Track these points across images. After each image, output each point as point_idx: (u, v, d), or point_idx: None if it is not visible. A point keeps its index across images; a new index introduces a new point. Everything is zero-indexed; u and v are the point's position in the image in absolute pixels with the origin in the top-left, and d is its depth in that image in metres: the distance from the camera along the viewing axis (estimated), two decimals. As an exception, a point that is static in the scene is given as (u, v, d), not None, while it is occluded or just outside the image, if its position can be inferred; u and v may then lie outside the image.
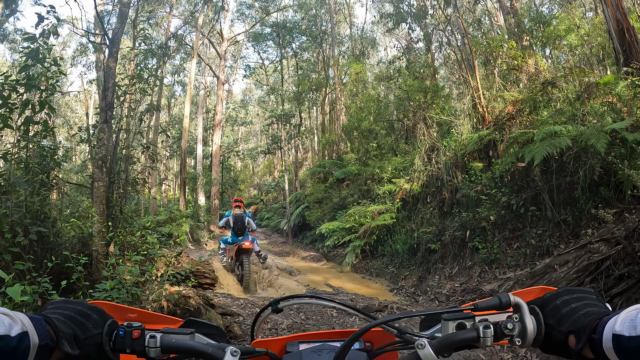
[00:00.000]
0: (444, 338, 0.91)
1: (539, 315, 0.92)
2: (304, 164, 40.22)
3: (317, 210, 19.17)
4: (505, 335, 0.91)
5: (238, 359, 0.91)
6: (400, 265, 12.20)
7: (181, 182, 26.09)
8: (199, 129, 34.92)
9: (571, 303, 0.90)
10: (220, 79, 32.05)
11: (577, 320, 0.86)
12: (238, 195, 43.75)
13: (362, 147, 20.27)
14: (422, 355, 0.87)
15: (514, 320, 0.92)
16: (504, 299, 0.92)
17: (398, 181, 13.88)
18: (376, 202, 14.59)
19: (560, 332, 0.88)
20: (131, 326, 0.93)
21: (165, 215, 21.32)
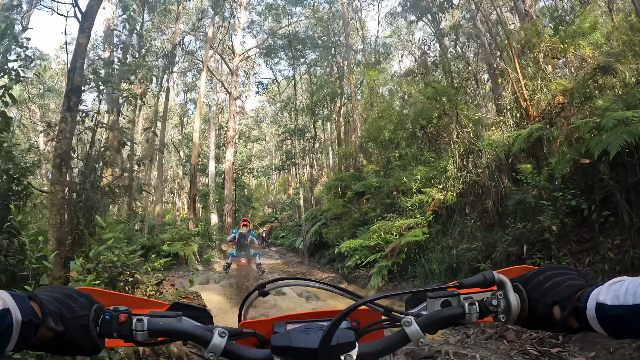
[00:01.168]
0: (430, 315, 0.92)
1: (523, 292, 0.92)
2: (319, 180, 38.37)
3: (336, 227, 17.06)
4: (490, 312, 0.91)
5: (226, 340, 0.89)
6: (420, 284, 10.08)
7: (191, 199, 24.21)
8: (211, 146, 33.42)
9: (554, 277, 0.90)
10: (232, 94, 30.75)
11: (561, 292, 0.86)
12: (252, 213, 43.72)
13: (383, 158, 18.21)
14: (409, 332, 0.88)
15: (498, 297, 0.92)
16: (488, 276, 0.92)
17: (429, 191, 11.76)
18: (403, 216, 12.46)
19: (545, 305, 0.88)
20: (118, 310, 0.90)
21: (172, 234, 19.33)
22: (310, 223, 21.45)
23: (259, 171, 44.17)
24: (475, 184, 10.73)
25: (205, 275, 16.07)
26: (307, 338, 0.92)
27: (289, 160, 38.04)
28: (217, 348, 0.89)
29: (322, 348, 0.87)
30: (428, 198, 11.58)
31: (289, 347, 0.90)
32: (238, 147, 42.02)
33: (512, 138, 10.13)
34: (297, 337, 0.93)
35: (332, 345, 0.87)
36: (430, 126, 16.99)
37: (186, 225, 22.36)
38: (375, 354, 0.93)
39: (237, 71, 32.19)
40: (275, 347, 0.92)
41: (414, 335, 0.88)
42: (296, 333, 0.95)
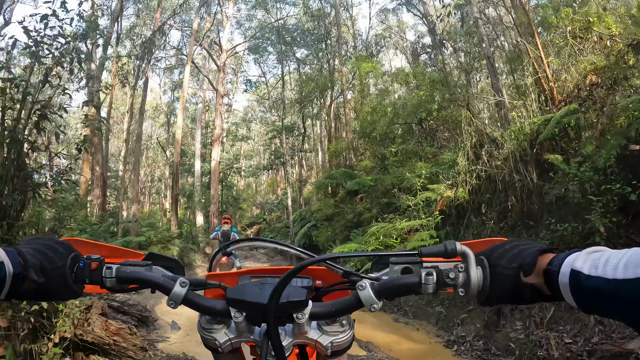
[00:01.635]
0: (386, 281, 0.87)
1: (487, 268, 0.84)
2: (308, 180, 36.76)
3: (327, 230, 15.26)
4: (447, 284, 0.85)
5: (187, 290, 0.88)
6: (451, 303, 8.30)
7: (173, 199, 22.31)
8: (197, 144, 31.75)
9: (520, 246, 0.84)
10: (219, 91, 29.10)
11: (528, 255, 0.79)
12: (240, 214, 42.85)
13: (378, 154, 16.43)
14: (361, 296, 0.84)
15: (458, 269, 0.85)
16: (450, 246, 0.84)
17: (437, 187, 9.92)
18: (405, 217, 10.70)
19: (510, 270, 0.80)
20: (90, 258, 0.93)
21: (150, 236, 17.44)
22: (299, 225, 19.60)
23: (246, 171, 42.38)
24: (493, 178, 8.99)
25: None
26: (259, 292, 0.87)
27: (278, 160, 36.63)
28: (177, 296, 0.88)
29: (270, 303, 0.83)
30: (436, 196, 9.76)
31: (241, 300, 0.87)
32: (225, 146, 40.62)
33: (538, 124, 8.40)
34: (250, 290, 0.89)
35: (282, 302, 0.84)
36: (429, 119, 15.29)
37: (167, 227, 20.50)
38: (327, 314, 0.90)
39: (225, 68, 30.58)
40: (230, 299, 0.88)
41: (367, 300, 0.83)
42: (250, 287, 0.92)
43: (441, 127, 15.55)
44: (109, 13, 23.01)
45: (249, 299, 0.86)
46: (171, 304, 0.88)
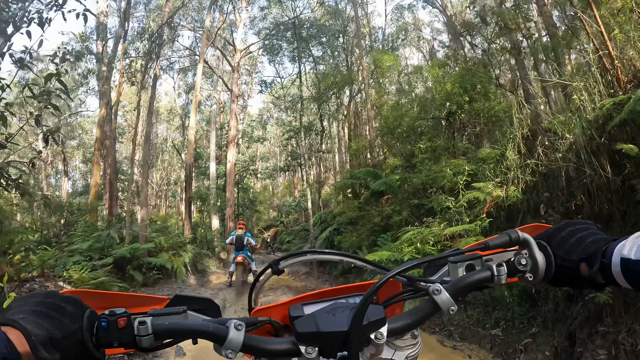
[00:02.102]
0: (458, 280, 0.86)
1: (547, 249, 0.87)
2: (326, 182, 35.42)
3: (351, 234, 13.75)
4: (518, 271, 0.87)
5: (244, 333, 0.77)
6: (509, 324, 6.80)
7: (185, 203, 21.02)
8: (211, 146, 30.96)
9: (577, 233, 0.86)
10: (233, 92, 28.08)
11: (587, 248, 0.82)
12: (257, 217, 42.39)
13: (405, 151, 14.93)
14: (439, 301, 0.81)
15: (524, 255, 0.87)
16: (513, 235, 0.87)
17: (484, 186, 8.38)
18: (443, 220, 9.23)
19: (571, 262, 0.84)
20: (114, 314, 0.75)
21: (158, 242, 16.12)
22: (320, 228, 18.10)
23: (263, 173, 41.22)
24: (552, 173, 7.49)
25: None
26: (335, 320, 0.80)
27: (295, 161, 35.40)
28: (235, 343, 0.76)
29: (353, 329, 0.77)
30: (484, 196, 8.22)
31: (317, 333, 0.78)
32: (241, 148, 39.61)
33: (607, 108, 6.88)
34: (324, 319, 0.80)
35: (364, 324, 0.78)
36: (460, 112, 13.79)
37: (180, 232, 19.21)
38: (406, 327, 0.85)
39: (239, 68, 29.63)
40: (301, 333, 0.79)
41: (445, 303, 0.81)
42: (322, 315, 0.82)
43: (473, 121, 14.10)
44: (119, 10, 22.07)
45: (326, 329, 0.78)
46: (229, 353, 0.75)
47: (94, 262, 12.05)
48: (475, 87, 13.64)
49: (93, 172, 20.41)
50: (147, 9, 24.62)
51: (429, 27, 35.59)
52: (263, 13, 31.21)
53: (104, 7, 21.98)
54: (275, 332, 0.99)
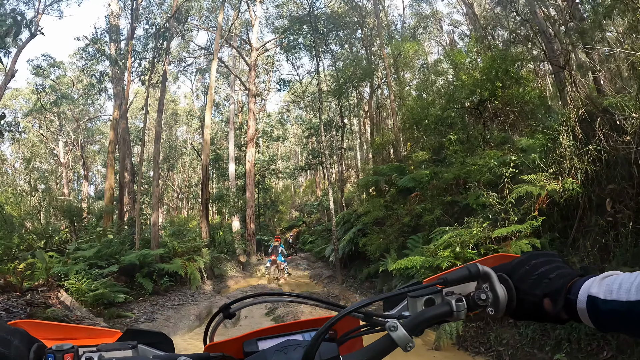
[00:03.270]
0: (416, 316, 0.82)
1: (509, 282, 0.84)
2: (347, 180, 34.25)
3: (378, 236, 12.37)
4: (478, 306, 0.84)
5: None
6: (574, 347, 5.52)
7: (202, 204, 19.97)
8: (230, 146, 30.16)
9: (541, 267, 0.83)
10: (251, 91, 27.35)
11: (551, 283, 0.80)
12: (278, 217, 41.86)
13: (434, 143, 13.61)
14: (395, 337, 0.77)
15: (485, 290, 0.84)
16: (473, 269, 0.83)
17: (535, 178, 6.99)
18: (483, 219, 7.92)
19: (534, 296, 0.81)
20: (61, 349, 0.72)
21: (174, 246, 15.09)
22: (343, 229, 16.83)
23: (284, 172, 40.21)
24: (618, 161, 6.16)
25: (207, 303, 11.76)
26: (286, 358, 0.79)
27: (316, 159, 34.35)
28: None
29: None
30: (537, 190, 6.83)
31: None
32: (261, 148, 38.78)
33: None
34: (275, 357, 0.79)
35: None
36: (493, 99, 12.45)
37: (196, 235, 18.17)
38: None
39: (256, 66, 28.68)
40: None
41: (402, 340, 0.77)
42: (273, 353, 0.81)
43: (505, 109, 12.78)
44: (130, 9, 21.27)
45: None
46: None
47: (99, 270, 11.00)
48: (508, 71, 12.31)
49: (107, 176, 19.57)
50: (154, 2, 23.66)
51: (448, 18, 34.34)
52: (278, 10, 30.41)
53: (115, 9, 21.22)
54: None
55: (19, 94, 38.23)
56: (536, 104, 12.45)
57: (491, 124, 13.09)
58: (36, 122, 36.35)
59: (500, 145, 11.32)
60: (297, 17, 23.74)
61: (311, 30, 20.03)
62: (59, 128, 36.09)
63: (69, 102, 32.44)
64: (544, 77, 19.18)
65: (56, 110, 33.44)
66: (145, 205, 25.11)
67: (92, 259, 11.65)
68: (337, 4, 27.02)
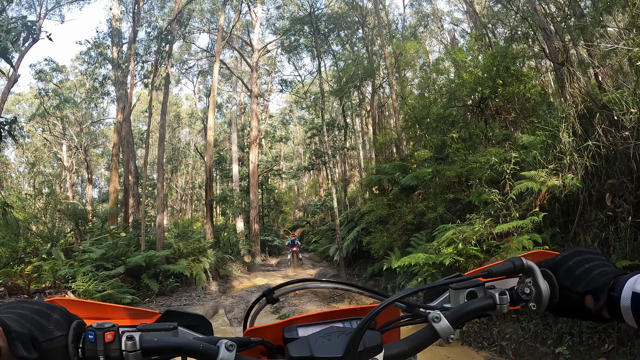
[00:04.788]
0: (459, 308, 0.83)
1: (552, 278, 0.84)
2: (350, 180, 34.29)
3: (381, 234, 12.46)
4: (521, 300, 0.85)
5: (235, 354, 0.74)
6: (576, 340, 5.60)
7: (206, 206, 20.10)
8: (233, 147, 30.36)
9: (584, 264, 0.82)
10: (253, 92, 27.35)
11: (593, 280, 0.79)
12: (282, 218, 42.28)
13: (436, 141, 13.68)
14: (438, 328, 0.79)
15: (528, 284, 0.84)
16: (517, 263, 0.84)
17: (536, 174, 7.07)
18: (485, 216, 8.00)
19: (576, 294, 0.81)
20: (102, 327, 0.70)
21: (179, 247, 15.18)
22: (346, 228, 16.92)
23: (287, 173, 40.33)
24: (616, 156, 6.23)
25: (213, 303, 11.87)
26: (330, 345, 0.77)
27: (319, 159, 34.42)
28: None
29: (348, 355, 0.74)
30: (538, 185, 6.90)
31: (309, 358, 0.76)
32: (264, 148, 38.86)
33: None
34: (318, 344, 0.78)
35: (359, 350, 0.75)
36: (494, 97, 12.51)
37: (201, 236, 18.27)
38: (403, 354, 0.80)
39: (257, 67, 28.80)
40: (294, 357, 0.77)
41: (444, 331, 0.78)
42: (316, 339, 0.79)
43: (507, 106, 12.83)
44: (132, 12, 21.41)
45: (320, 354, 0.75)
46: None
47: (105, 271, 11.12)
48: (509, 69, 12.37)
49: (111, 178, 19.70)
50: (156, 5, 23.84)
51: (449, 16, 34.37)
52: (279, 11, 30.58)
53: (117, 12, 21.33)
54: (267, 353, 0.92)
55: (22, 98, 38.56)
56: (537, 101, 12.50)
57: (492, 122, 13.15)
58: (39, 126, 36.55)
59: (502, 142, 11.40)
60: (298, 18, 23.75)
61: (312, 31, 20.07)
62: (62, 132, 36.32)
63: (71, 106, 32.61)
64: (545, 74, 19.22)
65: (59, 114, 33.60)
66: (149, 208, 25.21)
67: (99, 260, 11.77)
68: (338, 4, 27.08)
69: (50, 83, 31.50)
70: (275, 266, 24.05)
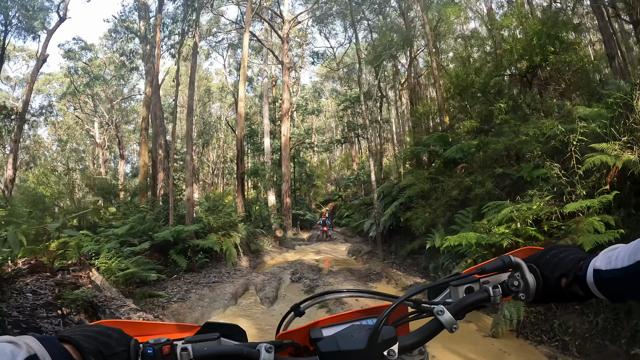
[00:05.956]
0: (458, 302, 0.92)
1: (537, 271, 0.93)
2: (384, 154, 33.39)
3: (424, 210, 11.61)
4: (511, 292, 0.93)
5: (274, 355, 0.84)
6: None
7: (238, 179, 19.57)
8: (265, 120, 29.77)
9: (559, 254, 0.92)
10: (284, 63, 26.71)
11: (566, 264, 0.88)
12: (314, 192, 41.75)
13: (481, 111, 12.70)
14: (443, 320, 0.88)
15: (517, 277, 0.93)
16: (506, 260, 0.93)
17: (608, 147, 6.15)
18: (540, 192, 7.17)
19: (554, 279, 0.89)
20: (159, 342, 0.80)
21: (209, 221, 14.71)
22: (382, 203, 16.05)
23: (319, 146, 39.54)
24: None
25: (244, 281, 11.33)
26: (354, 340, 0.87)
27: (352, 132, 33.57)
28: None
29: (370, 348, 0.84)
30: (612, 160, 5.98)
31: (338, 352, 0.86)
32: (295, 121, 38.15)
33: None
34: (344, 340, 0.88)
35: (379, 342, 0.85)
36: (545, 65, 11.51)
37: (232, 210, 17.78)
38: (415, 344, 0.92)
39: (288, 38, 28.04)
40: (324, 352, 0.87)
41: (448, 322, 0.87)
42: (342, 336, 0.90)
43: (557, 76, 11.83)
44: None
45: (346, 348, 0.84)
46: None
47: (130, 247, 10.64)
48: (558, 36, 11.34)
49: (141, 152, 19.36)
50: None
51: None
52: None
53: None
54: (296, 353, 0.99)
55: (52, 78, 38.89)
56: (589, 71, 11.53)
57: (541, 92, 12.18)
58: (71, 104, 36.86)
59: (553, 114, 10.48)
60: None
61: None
62: (94, 109, 36.60)
63: (101, 83, 32.83)
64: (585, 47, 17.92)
65: (90, 92, 33.89)
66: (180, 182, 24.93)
67: (125, 236, 11.33)
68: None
69: (79, 62, 31.63)
70: (307, 240, 23.61)
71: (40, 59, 23.20)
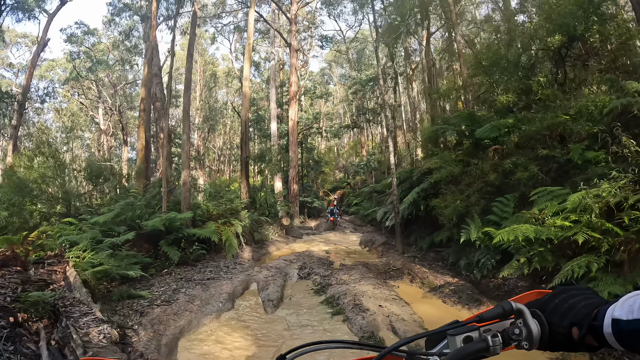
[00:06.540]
0: (455, 353, 0.85)
1: (541, 317, 0.86)
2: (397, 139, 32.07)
3: (454, 197, 9.95)
4: (513, 340, 0.86)
5: None
6: None
7: (242, 163, 18.18)
8: (272, 104, 28.38)
9: (569, 299, 0.85)
10: (292, 46, 25.28)
11: (578, 312, 0.81)
12: (322, 178, 40.81)
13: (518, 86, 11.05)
14: None
15: (519, 325, 0.86)
16: (507, 306, 0.85)
17: None
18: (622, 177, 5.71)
19: (563, 328, 0.82)
20: None
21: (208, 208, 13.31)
22: (399, 189, 14.38)
23: (328, 131, 38.11)
24: None
25: (244, 277, 9.84)
26: None
27: (362, 116, 32.11)
28: None
29: None
30: None
31: None
32: (303, 106, 36.70)
33: None
34: None
35: None
36: (588, 36, 9.97)
37: (234, 196, 16.36)
38: None
39: (296, 20, 26.51)
40: None
41: None
42: None
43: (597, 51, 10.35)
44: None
45: None
46: None
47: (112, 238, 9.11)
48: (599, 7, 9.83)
49: (139, 135, 18.01)
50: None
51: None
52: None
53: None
54: None
55: (56, 64, 38.25)
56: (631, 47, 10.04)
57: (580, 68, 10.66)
58: (75, 90, 35.94)
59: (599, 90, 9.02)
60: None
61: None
62: (97, 95, 35.58)
63: (104, 68, 31.83)
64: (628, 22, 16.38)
65: (93, 77, 32.89)
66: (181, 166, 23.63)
67: (108, 224, 9.82)
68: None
69: (82, 46, 30.58)
70: (315, 229, 22.15)
71: (41, 43, 22.10)
